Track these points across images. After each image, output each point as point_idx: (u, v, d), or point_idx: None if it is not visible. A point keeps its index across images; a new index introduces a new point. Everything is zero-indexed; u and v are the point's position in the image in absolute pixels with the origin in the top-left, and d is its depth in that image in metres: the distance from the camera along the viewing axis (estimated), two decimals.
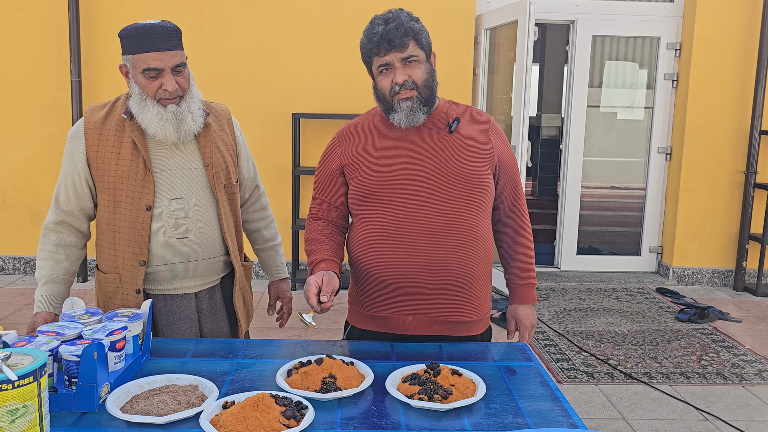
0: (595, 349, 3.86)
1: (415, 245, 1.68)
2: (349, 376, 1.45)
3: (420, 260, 1.69)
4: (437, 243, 1.69)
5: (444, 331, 1.77)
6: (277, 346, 1.72)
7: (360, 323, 1.83)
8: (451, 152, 1.72)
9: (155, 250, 1.80)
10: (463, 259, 1.71)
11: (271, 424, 1.22)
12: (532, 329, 1.90)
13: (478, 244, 1.74)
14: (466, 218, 1.71)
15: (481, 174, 1.73)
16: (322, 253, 1.74)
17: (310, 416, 1.27)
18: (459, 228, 1.70)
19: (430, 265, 1.69)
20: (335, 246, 1.79)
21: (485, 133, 1.78)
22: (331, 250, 1.76)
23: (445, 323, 1.76)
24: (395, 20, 1.64)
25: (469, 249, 1.72)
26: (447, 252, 1.69)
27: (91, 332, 1.43)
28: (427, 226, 1.68)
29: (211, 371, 1.54)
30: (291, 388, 1.40)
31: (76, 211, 1.84)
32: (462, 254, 1.71)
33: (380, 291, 1.75)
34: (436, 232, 1.68)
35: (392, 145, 1.74)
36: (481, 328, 1.83)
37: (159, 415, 1.29)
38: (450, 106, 1.80)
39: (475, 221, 1.73)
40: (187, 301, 1.86)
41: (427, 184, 1.70)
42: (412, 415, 1.34)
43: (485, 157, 1.75)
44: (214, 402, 1.32)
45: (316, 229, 1.82)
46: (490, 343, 1.78)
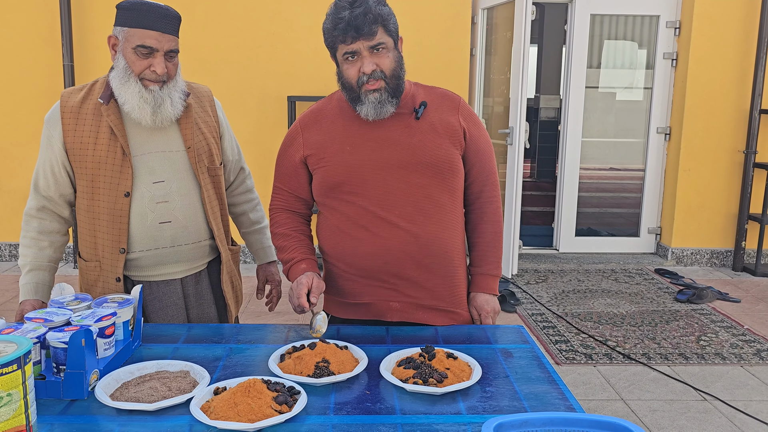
0: (593, 331, 3.85)
1: (392, 233, 1.66)
2: (343, 360, 1.43)
3: (400, 246, 1.66)
4: (414, 229, 1.66)
5: (430, 317, 1.74)
6: (270, 330, 1.69)
7: (340, 312, 1.80)
8: (419, 138, 1.67)
9: (136, 235, 1.77)
10: (442, 244, 1.69)
11: (263, 410, 1.20)
12: (495, 314, 1.82)
13: (453, 229, 1.72)
14: (439, 203, 1.68)
15: (450, 158, 1.69)
16: (299, 251, 1.72)
17: (302, 401, 1.25)
18: (433, 213, 1.68)
19: (411, 250, 1.67)
20: (307, 241, 1.78)
21: (454, 116, 1.72)
22: (307, 248, 1.75)
23: (430, 309, 1.74)
24: (362, 5, 1.55)
25: (447, 233, 1.70)
26: (425, 237, 1.67)
27: (80, 318, 1.41)
28: (401, 214, 1.66)
29: (202, 357, 1.52)
30: (284, 373, 1.38)
31: (56, 197, 1.81)
32: (440, 238, 1.69)
33: (361, 279, 1.72)
34: (410, 219, 1.66)
35: (358, 133, 1.68)
36: (463, 317, 1.80)
37: (149, 401, 1.26)
38: (417, 90, 1.74)
39: (448, 205, 1.70)
40: (173, 287, 1.83)
41: (397, 172, 1.66)
42: (406, 399, 1.32)
43: (454, 141, 1.70)
44: (206, 388, 1.30)
45: (283, 223, 1.79)
46: (486, 326, 1.76)
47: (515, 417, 0.98)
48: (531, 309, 4.23)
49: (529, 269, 5.13)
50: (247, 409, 1.19)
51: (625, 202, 5.71)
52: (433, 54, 4.86)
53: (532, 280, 4.86)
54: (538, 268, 5.15)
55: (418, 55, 4.76)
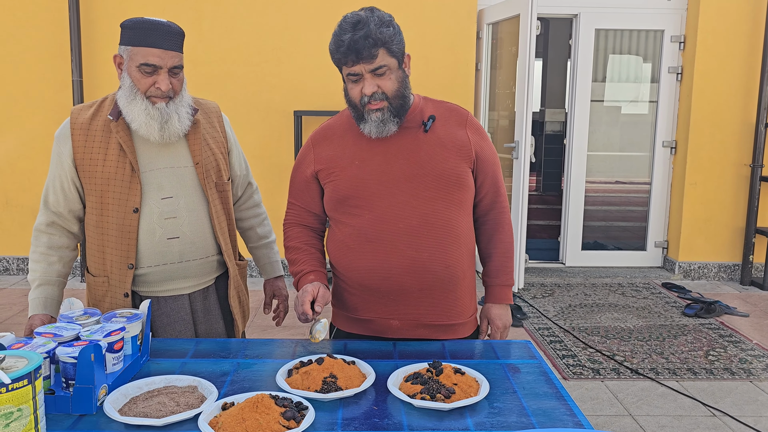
0: (600, 345, 3.83)
1: (395, 248, 1.66)
2: (351, 375, 1.43)
3: (402, 263, 1.66)
4: (418, 245, 1.66)
5: (430, 334, 1.74)
6: (277, 345, 1.70)
7: (345, 326, 1.81)
8: (427, 152, 1.68)
9: (145, 251, 1.78)
10: (447, 261, 1.68)
11: (271, 426, 1.20)
12: (506, 330, 1.85)
13: (460, 245, 1.72)
14: (447, 218, 1.68)
15: (458, 172, 1.69)
16: (308, 264, 1.73)
17: (310, 417, 1.25)
18: (440, 228, 1.67)
19: (412, 268, 1.66)
20: (318, 254, 1.79)
21: (462, 129, 1.73)
22: (317, 261, 1.76)
23: (430, 326, 1.73)
24: (364, 27, 1.55)
25: (452, 249, 1.69)
26: (429, 254, 1.66)
27: (89, 333, 1.41)
28: (406, 228, 1.66)
29: (210, 372, 1.52)
30: (291, 389, 1.38)
31: (65, 212, 1.82)
32: (445, 255, 1.68)
33: (363, 294, 1.73)
34: (416, 234, 1.66)
35: (366, 148, 1.70)
36: (468, 330, 1.80)
37: (157, 417, 1.27)
38: (425, 104, 1.75)
39: (455, 221, 1.70)
40: (180, 303, 1.84)
41: (404, 185, 1.66)
42: (414, 415, 1.32)
43: (462, 154, 1.70)
44: (213, 403, 1.30)
45: (295, 237, 1.80)
46: (493, 341, 1.76)
47: None
48: (537, 323, 4.21)
49: (536, 283, 5.12)
50: (255, 425, 1.19)
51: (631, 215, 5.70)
52: (439, 68, 4.88)
53: (538, 294, 4.85)
54: (545, 282, 5.14)
55: (424, 69, 4.79)
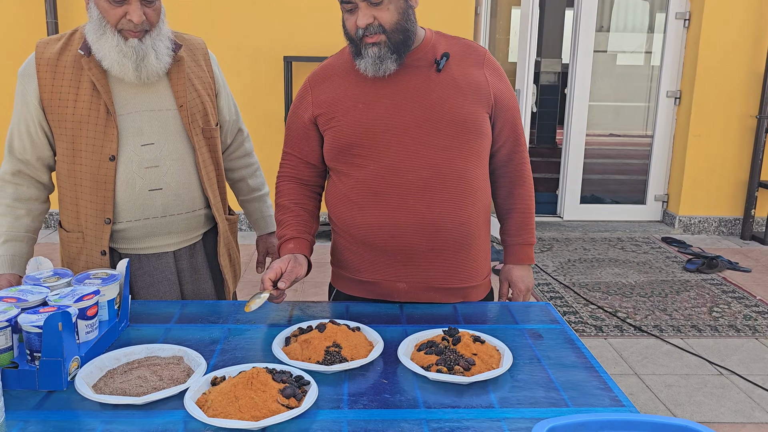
0: (602, 302, 3.72)
1: (404, 203, 1.48)
2: (356, 344, 1.28)
3: (411, 220, 1.48)
4: (430, 199, 1.48)
5: (441, 298, 1.58)
6: (273, 308, 1.53)
7: (345, 287, 1.64)
8: (439, 94, 1.49)
9: (123, 204, 1.59)
10: (461, 218, 1.51)
11: (268, 405, 1.04)
12: (528, 293, 1.71)
13: (476, 200, 1.54)
14: (462, 170, 1.50)
15: (475, 118, 1.50)
16: (291, 228, 1.56)
17: (313, 393, 1.10)
18: (454, 181, 1.49)
19: (423, 225, 1.49)
20: (306, 217, 1.60)
21: (479, 69, 1.54)
22: (302, 225, 1.58)
23: (441, 290, 1.58)
24: None
25: (467, 205, 1.52)
26: (442, 210, 1.49)
27: (58, 297, 1.24)
28: (417, 181, 1.48)
29: (198, 339, 1.36)
30: (290, 360, 1.22)
31: (33, 160, 1.62)
32: (459, 211, 1.51)
33: (367, 254, 1.56)
34: (427, 187, 1.48)
35: (371, 89, 1.50)
36: (481, 294, 1.65)
37: (137, 394, 1.11)
38: (438, 39, 1.55)
39: (471, 173, 1.52)
40: (164, 261, 1.67)
41: (415, 132, 1.48)
42: (429, 389, 1.17)
43: (480, 98, 1.52)
44: (201, 377, 1.14)
45: (286, 193, 1.62)
46: (509, 303, 1.61)
47: (568, 420, 0.83)
48: (537, 278, 4.09)
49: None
50: (250, 404, 1.04)
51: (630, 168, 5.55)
52: (437, 12, 4.62)
53: (536, 248, 4.72)
54: (543, 237, 5.01)
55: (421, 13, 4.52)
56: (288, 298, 3.71)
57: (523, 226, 1.68)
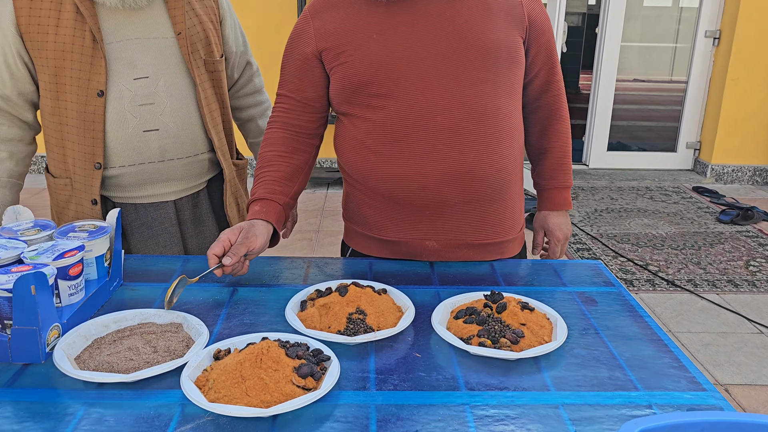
0: (632, 254, 3.53)
1: (433, 149, 1.27)
2: (383, 309, 1.10)
3: (442, 168, 1.27)
4: (463, 143, 1.27)
5: (474, 255, 1.39)
6: (286, 265, 1.35)
7: (364, 247, 1.44)
8: (467, 17, 1.26)
9: (115, 147, 1.40)
10: (498, 162, 1.30)
11: (280, 387, 0.87)
12: (566, 242, 1.51)
13: (513, 141, 1.34)
14: (496, 106, 1.28)
15: (509, 43, 1.28)
16: (265, 187, 1.31)
17: (334, 372, 0.92)
18: (489, 120, 1.28)
19: (455, 174, 1.28)
20: (290, 174, 1.35)
21: None
22: (281, 183, 1.33)
23: (476, 246, 1.38)
24: None
25: (504, 147, 1.31)
26: (477, 154, 1.28)
27: (35, 254, 1.06)
28: (446, 122, 1.26)
29: (200, 302, 1.18)
30: (306, 328, 1.05)
31: (13, 96, 1.43)
32: (496, 155, 1.30)
33: (389, 210, 1.35)
34: (459, 129, 1.26)
35: (387, 16, 1.27)
36: (517, 248, 1.46)
37: (126, 370, 0.94)
38: None
39: (507, 109, 1.31)
40: (164, 212, 1.48)
41: (441, 64, 1.25)
42: (469, 365, 0.99)
43: (513, 20, 1.29)
44: (203, 350, 0.97)
45: (273, 143, 1.37)
46: (554, 261, 1.42)
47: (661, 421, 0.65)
48: None
49: None
50: (259, 385, 0.87)
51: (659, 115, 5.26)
52: None
53: None
54: None
55: None
56: (300, 251, 3.54)
57: (560, 166, 1.48)
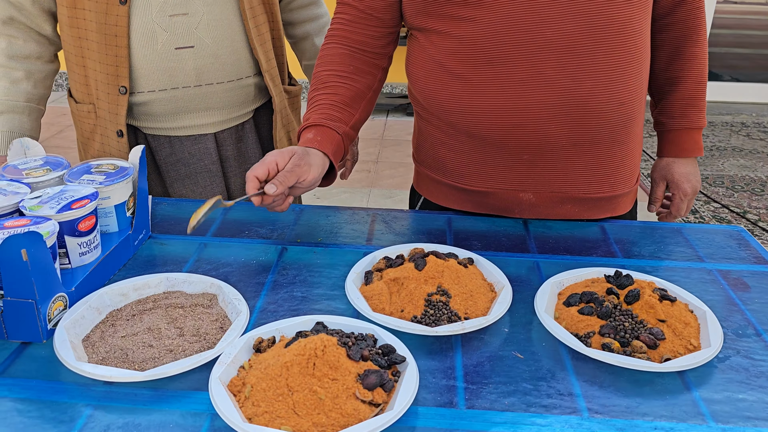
0: (727, 199, 3.15)
1: (538, 73, 0.97)
2: (471, 288, 0.85)
3: (549, 99, 0.98)
4: (578, 67, 0.96)
5: (582, 213, 1.11)
6: (346, 219, 1.11)
7: (440, 197, 1.17)
8: None
9: (142, 67, 1.16)
10: (622, 94, 1.00)
11: (340, 405, 0.64)
12: (693, 199, 1.21)
13: (641, 66, 1.03)
14: (624, 19, 0.97)
15: None
16: (320, 112, 1.05)
17: (410, 381, 0.69)
18: (613, 38, 0.97)
19: (566, 107, 0.98)
20: (351, 99, 1.08)
21: None
22: (339, 108, 1.06)
23: (582, 201, 1.10)
24: None
25: (631, 75, 1.01)
26: (596, 82, 0.97)
27: (37, 203, 0.85)
28: (556, 38, 0.95)
29: (242, 264, 0.96)
30: (373, 312, 0.81)
31: (27, 3, 1.19)
32: (619, 85, 0.99)
33: (476, 153, 1.07)
34: (574, 48, 0.96)
35: None
36: (628, 204, 1.17)
37: (141, 362, 0.73)
38: None
39: (637, 24, 1.00)
40: (203, 146, 1.25)
41: None
42: (589, 373, 0.74)
43: None
44: (240, 338, 0.75)
45: (330, 62, 1.10)
46: (683, 225, 1.13)
47: None
48: (643, 168, 3.52)
49: None
50: (312, 401, 0.64)
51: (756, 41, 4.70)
52: None
53: (643, 132, 4.09)
54: (649, 118, 4.34)
55: None
56: (358, 183, 3.30)
57: (692, 101, 1.16)
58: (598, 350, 0.75)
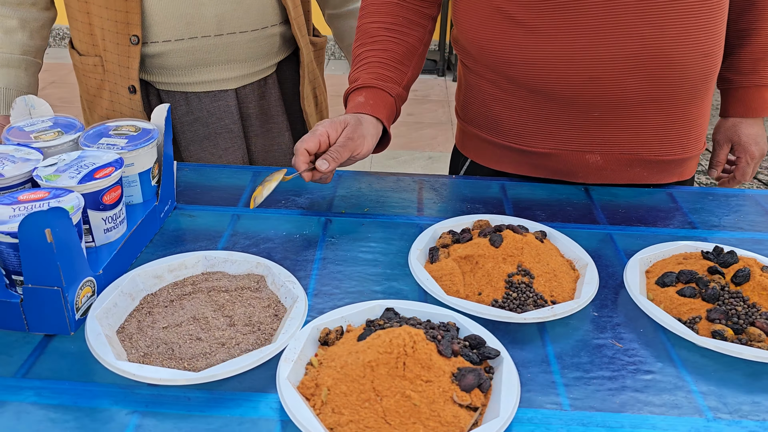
0: None
1: (613, 21, 0.87)
2: (554, 268, 0.75)
3: (624, 50, 0.87)
4: (658, 13, 0.86)
5: (647, 176, 1.01)
6: (391, 186, 1.00)
7: (491, 160, 1.06)
8: None
9: (156, 13, 1.03)
10: (704, 46, 0.90)
11: (438, 411, 0.55)
12: (759, 162, 1.13)
13: (725, 13, 0.93)
14: None
15: None
16: (370, 71, 0.95)
17: (511, 379, 0.59)
18: None
19: (644, 60, 0.88)
20: (401, 53, 0.97)
21: None
22: (388, 66, 0.96)
23: (653, 164, 1.00)
24: None
25: (716, 22, 0.91)
26: (677, 34, 0.87)
27: (53, 172, 0.73)
28: None
29: (283, 238, 0.85)
30: (447, 295, 0.71)
31: None
32: (702, 36, 0.89)
33: (538, 109, 0.97)
34: None
35: None
36: (693, 168, 1.08)
37: (190, 358, 0.62)
38: None
39: None
40: (224, 103, 1.12)
41: None
42: (697, 364, 0.66)
43: None
44: (302, 330, 0.65)
45: (375, 12, 0.99)
46: (757, 193, 1.04)
47: None
48: None
49: None
50: (406, 408, 0.55)
51: None
52: None
53: None
54: None
55: None
56: None
57: (765, 56, 1.06)
58: (709, 338, 0.66)
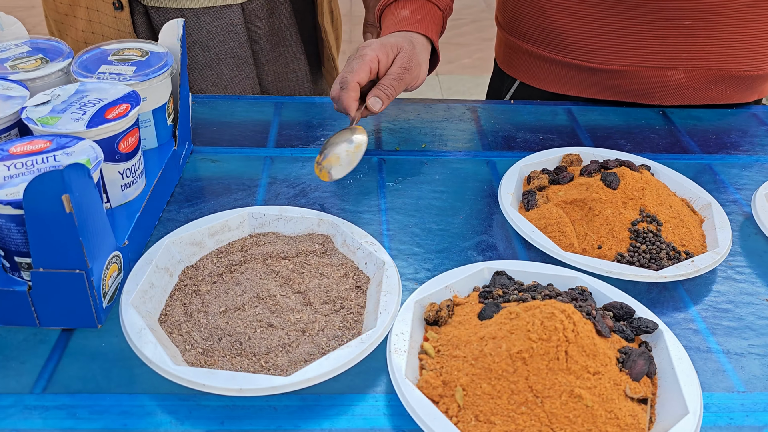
0: None
1: None
2: (678, 211, 0.63)
3: None
4: None
5: (731, 95, 0.89)
6: (442, 114, 0.85)
7: (548, 81, 0.91)
8: None
9: None
10: None
11: (614, 412, 0.43)
12: None
13: None
14: None
15: None
16: None
17: (681, 359, 0.47)
18: None
19: None
20: None
21: None
22: None
23: (739, 80, 0.87)
24: None
25: None
26: None
27: (49, 113, 0.55)
28: None
29: (337, 187, 0.70)
30: (563, 251, 0.58)
31: None
32: None
33: (614, 20, 0.82)
34: None
35: None
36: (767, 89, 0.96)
37: (265, 353, 0.48)
38: None
39: None
40: (228, 22, 0.92)
41: None
42: None
43: None
44: (402, 307, 0.51)
45: None
46: None
47: None
48: None
49: None
50: (577, 411, 0.42)
51: None
52: None
53: None
54: None
55: None
56: None
57: None
58: None
